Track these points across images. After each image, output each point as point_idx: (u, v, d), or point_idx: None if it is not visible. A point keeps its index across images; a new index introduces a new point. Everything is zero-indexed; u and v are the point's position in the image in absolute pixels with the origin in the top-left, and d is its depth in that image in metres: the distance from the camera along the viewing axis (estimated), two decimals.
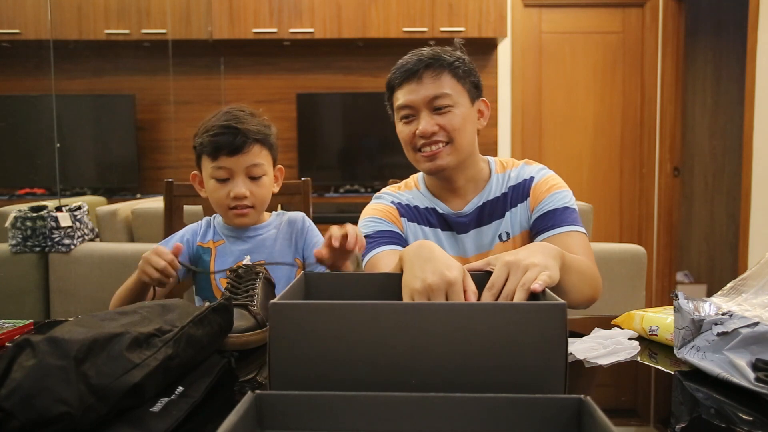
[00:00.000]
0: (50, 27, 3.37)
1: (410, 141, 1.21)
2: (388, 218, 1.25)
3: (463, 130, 1.19)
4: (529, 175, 1.25)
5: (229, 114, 1.28)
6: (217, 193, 1.28)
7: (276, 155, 1.35)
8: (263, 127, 1.29)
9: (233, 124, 1.25)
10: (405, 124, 1.22)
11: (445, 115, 1.18)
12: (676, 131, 4.18)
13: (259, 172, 1.27)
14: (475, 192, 1.26)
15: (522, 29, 4.10)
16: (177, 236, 1.37)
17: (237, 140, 1.24)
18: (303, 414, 0.58)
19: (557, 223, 1.17)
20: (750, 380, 0.71)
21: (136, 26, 3.75)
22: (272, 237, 1.36)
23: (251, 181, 1.28)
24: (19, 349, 0.64)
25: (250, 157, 1.25)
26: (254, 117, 1.30)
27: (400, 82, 1.21)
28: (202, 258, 1.35)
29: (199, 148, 1.29)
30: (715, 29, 4.37)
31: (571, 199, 1.22)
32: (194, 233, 1.37)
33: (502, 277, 0.84)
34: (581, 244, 1.15)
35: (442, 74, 1.18)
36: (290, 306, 0.67)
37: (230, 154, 1.24)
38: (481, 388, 0.62)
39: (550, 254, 0.90)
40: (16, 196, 3.73)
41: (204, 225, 1.40)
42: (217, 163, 1.25)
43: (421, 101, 1.18)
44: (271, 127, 1.34)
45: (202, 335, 0.79)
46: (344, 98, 4.08)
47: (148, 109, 4.00)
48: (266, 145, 1.30)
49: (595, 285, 1.09)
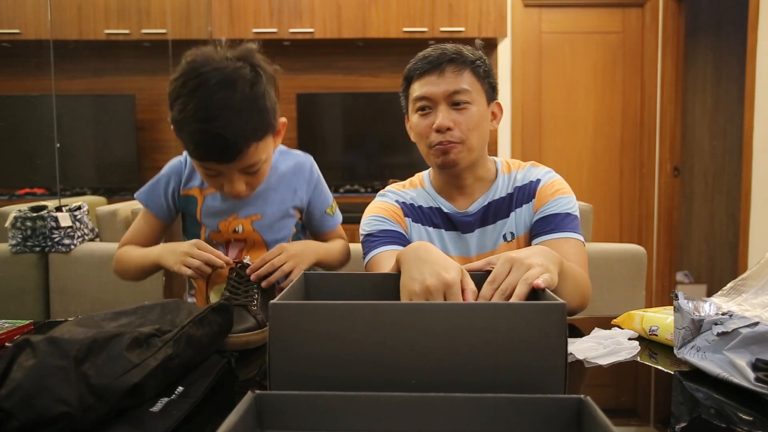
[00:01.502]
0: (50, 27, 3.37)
1: (425, 134, 1.20)
2: (392, 217, 1.25)
3: (478, 129, 1.19)
4: (535, 177, 1.25)
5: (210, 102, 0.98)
6: (207, 180, 1.14)
7: (277, 122, 1.11)
8: (259, 117, 1.04)
9: (218, 131, 0.98)
10: (421, 116, 1.20)
11: (462, 112, 1.17)
12: (676, 131, 4.18)
13: (256, 168, 1.10)
14: (481, 192, 1.26)
15: (522, 29, 4.10)
16: (160, 182, 1.23)
17: (226, 151, 1.01)
18: (303, 414, 0.58)
19: (556, 228, 1.17)
20: (750, 380, 0.71)
21: (136, 26, 3.75)
22: (271, 188, 1.22)
23: (248, 175, 1.10)
24: (18, 349, 0.64)
25: (245, 161, 1.06)
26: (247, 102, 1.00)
27: (420, 74, 1.19)
28: (188, 208, 1.23)
29: (177, 136, 1.06)
30: (715, 29, 4.37)
31: (575, 206, 1.22)
32: (178, 174, 1.23)
33: (504, 272, 0.84)
34: (577, 252, 1.15)
35: (464, 71, 1.18)
36: (291, 306, 0.67)
37: (219, 162, 1.05)
38: (481, 388, 0.62)
39: (551, 259, 0.90)
40: (16, 196, 3.73)
41: (188, 166, 1.22)
42: (206, 164, 1.07)
43: (441, 94, 1.17)
44: (267, 98, 1.05)
45: (202, 335, 0.79)
46: (344, 98, 4.08)
47: (148, 109, 4.00)
48: (265, 135, 1.07)
49: (585, 294, 1.09)
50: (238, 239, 1.25)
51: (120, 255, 1.28)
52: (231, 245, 1.25)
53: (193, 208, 1.23)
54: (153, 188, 1.25)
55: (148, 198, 1.25)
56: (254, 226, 1.24)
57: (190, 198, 1.24)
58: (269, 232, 1.24)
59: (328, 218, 1.34)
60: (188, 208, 1.25)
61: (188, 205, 1.25)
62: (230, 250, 1.25)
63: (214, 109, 0.98)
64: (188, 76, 1.00)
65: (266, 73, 1.06)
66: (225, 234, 1.24)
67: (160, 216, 1.27)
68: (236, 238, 1.24)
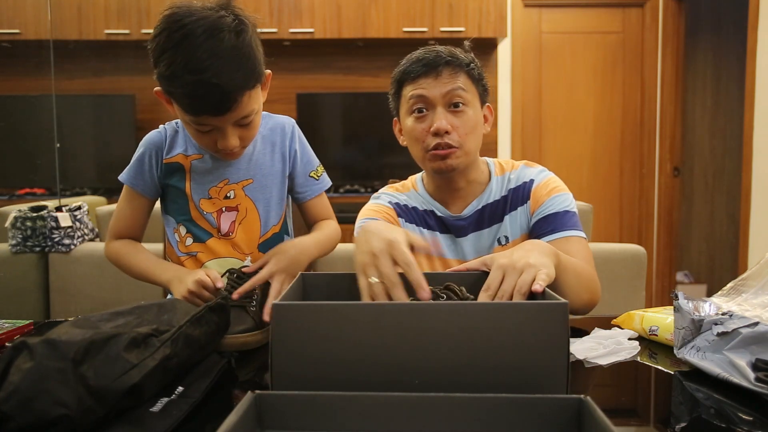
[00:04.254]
0: (50, 27, 3.37)
1: (422, 139, 1.18)
2: (385, 219, 1.24)
3: (474, 133, 1.18)
4: (529, 178, 1.24)
5: (200, 52, 0.95)
6: (200, 139, 1.09)
7: (263, 73, 1.08)
8: (250, 65, 1.01)
9: (213, 80, 0.95)
10: (417, 119, 1.18)
11: (459, 115, 1.17)
12: (676, 131, 4.18)
13: (249, 119, 1.06)
14: (474, 195, 1.25)
15: (522, 29, 4.10)
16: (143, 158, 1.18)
17: (222, 102, 0.99)
18: (303, 414, 0.58)
19: (557, 227, 1.16)
20: (750, 380, 0.71)
21: (136, 26, 3.74)
22: (257, 151, 1.20)
23: (241, 128, 1.07)
24: (16, 352, 0.63)
25: (239, 112, 1.03)
26: (236, 50, 0.98)
27: (415, 76, 1.17)
28: (173, 177, 1.18)
29: (167, 95, 1.04)
30: (715, 29, 4.37)
31: (572, 203, 1.21)
32: (158, 147, 1.18)
33: (497, 280, 0.84)
34: (581, 249, 1.14)
35: (460, 73, 1.17)
36: (292, 307, 0.67)
37: (215, 115, 1.01)
38: (483, 388, 0.62)
39: (544, 252, 0.89)
40: (16, 196, 3.73)
41: (169, 133, 1.19)
42: (198, 120, 1.02)
43: (439, 96, 1.16)
44: (254, 47, 1.02)
45: (200, 335, 0.79)
46: (344, 98, 4.08)
47: (148, 109, 4.00)
48: (256, 84, 1.05)
49: (593, 289, 1.08)
50: (230, 208, 1.20)
51: (121, 253, 1.21)
52: (223, 215, 1.19)
53: (180, 178, 1.18)
54: (137, 165, 1.19)
55: (135, 176, 1.19)
56: (245, 191, 1.20)
57: (175, 166, 1.17)
58: (261, 198, 1.21)
59: (312, 182, 1.28)
60: (173, 179, 1.18)
61: (173, 175, 1.18)
62: (222, 221, 1.19)
63: (205, 60, 0.95)
64: (171, 28, 0.97)
65: (249, 21, 1.04)
66: (216, 201, 1.19)
67: (146, 193, 1.20)
68: (228, 206, 1.19)
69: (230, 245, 1.19)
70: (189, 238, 1.20)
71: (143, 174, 1.19)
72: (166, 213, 1.24)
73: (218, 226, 1.19)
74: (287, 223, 1.29)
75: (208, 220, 1.19)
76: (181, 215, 1.20)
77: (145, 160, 1.19)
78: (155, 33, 0.99)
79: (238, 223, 1.20)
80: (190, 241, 1.20)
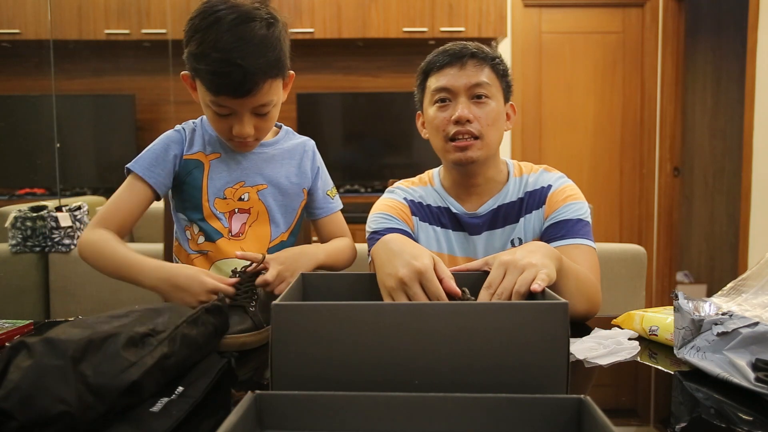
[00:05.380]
0: (50, 27, 3.37)
1: (443, 127, 1.18)
2: (399, 216, 1.24)
3: (495, 126, 1.19)
4: (546, 183, 1.23)
5: (229, 35, 1.00)
6: (216, 123, 1.12)
7: (287, 69, 1.12)
8: (275, 55, 1.05)
9: (237, 61, 1.00)
10: (440, 108, 1.19)
11: (482, 106, 1.17)
12: (676, 131, 4.18)
13: (267, 109, 1.10)
14: (491, 193, 1.24)
15: (522, 29, 4.10)
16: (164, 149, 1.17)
17: (243, 83, 1.02)
18: (303, 414, 0.58)
19: (568, 234, 1.16)
20: (750, 380, 0.71)
21: (136, 26, 3.75)
22: (276, 160, 1.23)
23: (258, 117, 1.10)
24: (14, 351, 0.63)
25: (258, 98, 1.06)
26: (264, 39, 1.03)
27: (441, 66, 1.19)
28: (192, 174, 1.18)
29: (193, 73, 1.09)
30: (715, 29, 4.37)
31: (586, 212, 1.20)
32: (179, 144, 1.19)
33: (499, 277, 0.84)
34: (588, 258, 1.14)
35: (485, 66, 1.19)
36: (293, 307, 0.67)
37: (234, 97, 1.05)
38: (483, 388, 0.62)
39: (547, 254, 0.89)
40: (16, 196, 3.73)
41: (188, 132, 1.20)
42: (218, 100, 1.06)
43: (463, 87, 1.17)
44: (282, 41, 1.07)
45: (197, 335, 0.79)
46: (344, 98, 4.08)
47: (148, 109, 4.00)
48: (279, 75, 1.09)
49: (593, 299, 1.07)
50: (243, 210, 1.21)
51: (100, 243, 1.12)
52: (234, 216, 1.20)
53: (199, 174, 1.18)
54: (154, 156, 1.17)
55: (149, 167, 1.16)
56: (260, 195, 1.21)
57: (195, 162, 1.18)
58: (274, 204, 1.22)
59: (328, 200, 1.32)
60: (191, 176, 1.18)
61: (191, 173, 1.18)
62: (233, 222, 1.20)
63: (233, 42, 1.01)
64: (206, 13, 1.03)
65: (281, 18, 1.09)
66: (230, 202, 1.20)
67: (156, 186, 1.16)
68: (241, 208, 1.21)
69: (239, 247, 1.19)
70: (201, 237, 1.20)
71: (161, 165, 1.17)
72: (177, 211, 1.23)
73: (229, 227, 1.20)
74: (296, 234, 1.30)
75: (220, 220, 1.19)
76: (195, 213, 1.19)
77: (168, 152, 1.17)
78: (190, 17, 1.05)
79: (249, 225, 1.21)
80: (202, 239, 1.20)
